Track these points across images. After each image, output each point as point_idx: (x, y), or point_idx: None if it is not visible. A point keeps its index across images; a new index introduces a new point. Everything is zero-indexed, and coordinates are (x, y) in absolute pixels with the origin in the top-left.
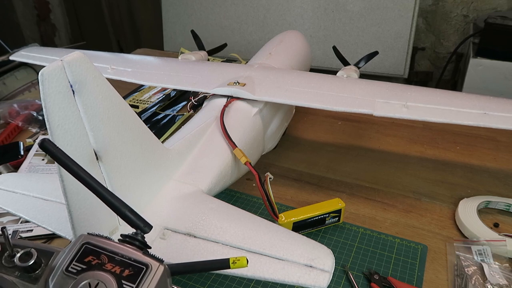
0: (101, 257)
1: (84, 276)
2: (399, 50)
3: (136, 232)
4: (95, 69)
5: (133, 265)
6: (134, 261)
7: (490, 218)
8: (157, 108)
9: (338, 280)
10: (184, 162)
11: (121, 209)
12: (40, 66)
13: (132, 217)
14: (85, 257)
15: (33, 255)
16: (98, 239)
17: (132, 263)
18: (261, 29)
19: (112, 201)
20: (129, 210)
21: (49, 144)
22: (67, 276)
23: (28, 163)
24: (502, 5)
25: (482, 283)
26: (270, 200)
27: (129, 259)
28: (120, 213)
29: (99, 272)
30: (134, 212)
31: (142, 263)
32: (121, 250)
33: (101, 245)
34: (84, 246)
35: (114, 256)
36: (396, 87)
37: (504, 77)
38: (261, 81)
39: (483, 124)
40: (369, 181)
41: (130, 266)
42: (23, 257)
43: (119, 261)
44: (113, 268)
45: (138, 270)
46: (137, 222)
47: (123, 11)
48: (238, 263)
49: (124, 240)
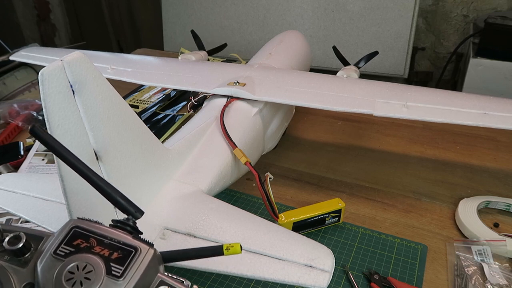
0: (90, 240)
1: (72, 258)
2: (399, 50)
3: (127, 218)
4: (95, 69)
5: (122, 248)
6: (123, 244)
7: (490, 218)
8: (157, 108)
9: (338, 280)
10: (184, 162)
11: (112, 195)
12: (40, 66)
13: (123, 203)
14: (73, 241)
15: (22, 239)
16: (88, 223)
17: (121, 246)
18: (261, 29)
19: (103, 187)
20: (120, 195)
21: (38, 129)
22: (55, 259)
23: (28, 163)
24: (502, 5)
25: (482, 283)
26: (270, 200)
27: (118, 242)
28: (111, 199)
29: (87, 255)
30: (125, 198)
31: (131, 246)
32: (110, 233)
33: (90, 229)
34: (73, 229)
35: (103, 239)
36: (396, 87)
37: (504, 77)
38: (261, 81)
39: (483, 124)
40: (369, 181)
41: (119, 249)
42: (12, 241)
43: (108, 244)
44: (102, 251)
45: (127, 253)
46: (128, 208)
47: (123, 11)
48: (232, 249)
49: (115, 225)
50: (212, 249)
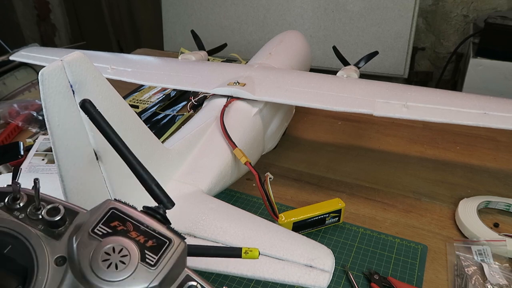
0: (126, 224)
1: (108, 239)
2: (399, 50)
3: (158, 206)
4: (95, 69)
5: (157, 237)
6: (158, 233)
7: (490, 218)
8: (157, 108)
9: (338, 280)
10: (184, 162)
11: (148, 182)
12: (40, 66)
13: (157, 191)
14: (111, 222)
15: (60, 211)
16: (124, 207)
17: (156, 235)
18: (261, 29)
19: (142, 173)
20: (155, 183)
21: (90, 105)
22: (92, 237)
23: (28, 163)
24: (502, 5)
25: (482, 283)
26: (270, 200)
27: (153, 230)
28: (147, 185)
29: (124, 239)
30: (159, 187)
31: (166, 236)
32: (146, 221)
33: (127, 213)
34: (111, 211)
35: (139, 225)
36: (396, 87)
37: (504, 77)
38: (261, 81)
39: (483, 124)
40: (369, 181)
41: (154, 238)
42: (51, 212)
43: (144, 231)
44: (138, 237)
45: (161, 243)
46: (162, 197)
47: (123, 11)
48: (250, 253)
49: (147, 211)
50: (231, 249)
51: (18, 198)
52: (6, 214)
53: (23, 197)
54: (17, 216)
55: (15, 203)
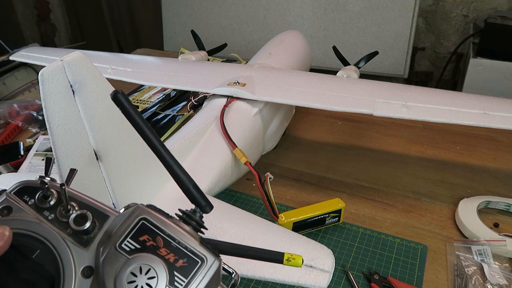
0: (156, 239)
1: (136, 257)
2: (399, 50)
3: (194, 210)
4: (95, 69)
5: (189, 256)
6: (190, 251)
7: (490, 218)
8: (157, 108)
9: (338, 280)
10: (184, 162)
11: (185, 182)
12: (40, 66)
13: (194, 193)
14: (140, 235)
15: (88, 219)
16: (156, 216)
17: (187, 253)
18: (261, 29)
19: (178, 173)
20: (193, 184)
21: (122, 96)
22: (119, 253)
23: (28, 163)
24: (502, 5)
25: (482, 283)
26: (270, 200)
27: (185, 248)
28: (184, 186)
29: (153, 256)
30: (198, 188)
31: (198, 255)
32: (179, 235)
33: (159, 225)
34: (141, 222)
35: (170, 241)
36: (396, 87)
37: (504, 77)
38: (261, 81)
39: (483, 124)
40: (369, 181)
41: (186, 257)
42: (78, 220)
43: (175, 248)
44: (167, 255)
45: (192, 262)
46: (199, 199)
47: (123, 11)
48: (292, 261)
49: (181, 216)
50: (273, 254)
51: (49, 196)
52: (35, 215)
53: (53, 195)
54: (46, 217)
55: (46, 201)
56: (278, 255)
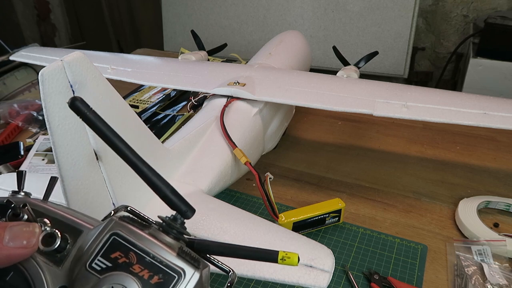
0: (129, 255)
1: (108, 277)
2: (399, 50)
3: (175, 217)
4: (95, 69)
5: (164, 271)
6: (165, 266)
7: (490, 218)
8: (157, 108)
9: (338, 280)
10: (184, 162)
11: (161, 188)
12: (40, 66)
13: (173, 199)
14: (112, 252)
15: (57, 238)
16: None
17: (163, 268)
18: (261, 29)
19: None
20: (170, 190)
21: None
22: (90, 273)
23: (28, 163)
24: (502, 5)
25: (482, 283)
26: (270, 200)
27: (160, 262)
28: (160, 193)
29: (125, 275)
30: (176, 193)
31: (174, 270)
32: (153, 248)
33: (131, 240)
34: (112, 237)
35: (144, 256)
36: (396, 87)
37: (504, 77)
38: (261, 81)
39: (483, 124)
40: (369, 181)
41: (161, 272)
42: (47, 240)
43: (149, 264)
44: (141, 272)
45: (169, 278)
46: (179, 205)
47: (123, 11)
48: (288, 260)
49: (161, 225)
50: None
51: (19, 213)
52: None
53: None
54: None
55: (17, 219)
56: (271, 254)
